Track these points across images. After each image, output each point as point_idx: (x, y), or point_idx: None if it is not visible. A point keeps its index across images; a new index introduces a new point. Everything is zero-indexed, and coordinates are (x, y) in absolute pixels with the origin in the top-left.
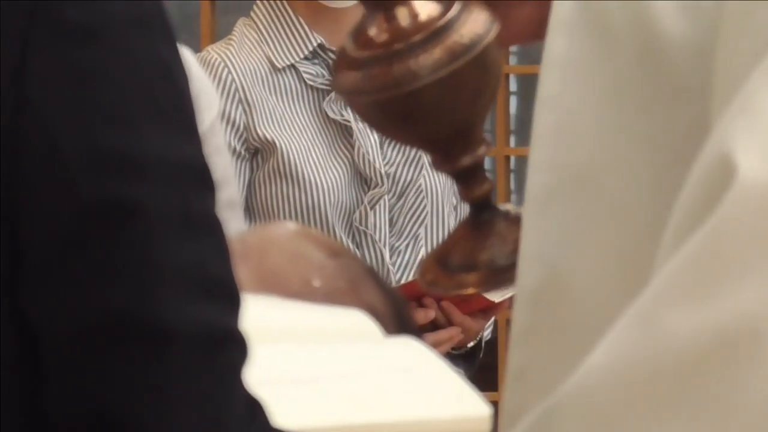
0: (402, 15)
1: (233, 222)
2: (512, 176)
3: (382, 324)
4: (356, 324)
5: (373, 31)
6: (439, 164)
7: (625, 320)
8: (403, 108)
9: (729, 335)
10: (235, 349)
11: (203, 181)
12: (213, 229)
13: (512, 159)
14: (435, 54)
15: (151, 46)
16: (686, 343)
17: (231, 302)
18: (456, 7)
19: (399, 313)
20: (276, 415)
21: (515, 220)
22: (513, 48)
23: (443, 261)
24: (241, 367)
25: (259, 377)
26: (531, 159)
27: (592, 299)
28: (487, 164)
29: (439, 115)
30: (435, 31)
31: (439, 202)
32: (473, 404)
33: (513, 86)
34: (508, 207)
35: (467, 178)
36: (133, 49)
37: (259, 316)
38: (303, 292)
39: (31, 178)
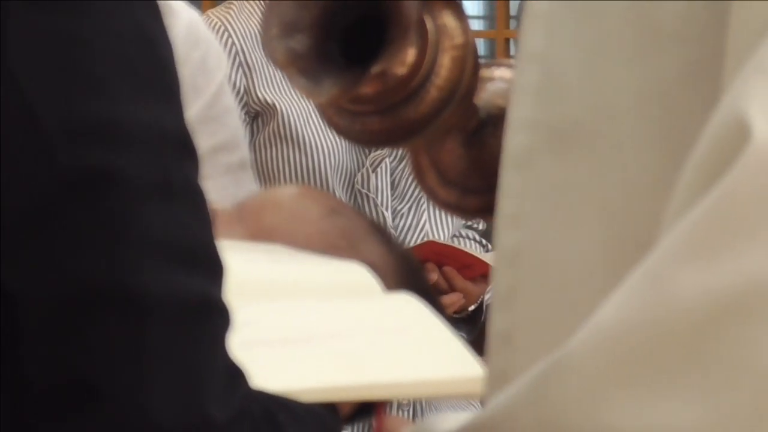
0: (386, 68)
1: (246, 183)
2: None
3: (384, 281)
4: (355, 278)
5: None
6: None
7: (634, 279)
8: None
9: (740, 296)
10: (216, 317)
11: (185, 150)
12: (194, 197)
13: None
14: (430, 99)
15: (132, 14)
16: (697, 303)
17: (212, 271)
18: (431, 43)
19: (407, 271)
20: (264, 375)
21: None
22: None
23: (443, 175)
24: (221, 336)
25: (249, 337)
26: (511, 117)
27: (576, 260)
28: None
29: (439, 134)
30: (423, 77)
31: None
32: (467, 364)
33: (513, 51)
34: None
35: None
36: (113, 18)
37: (255, 268)
38: (299, 250)
39: (9, 146)
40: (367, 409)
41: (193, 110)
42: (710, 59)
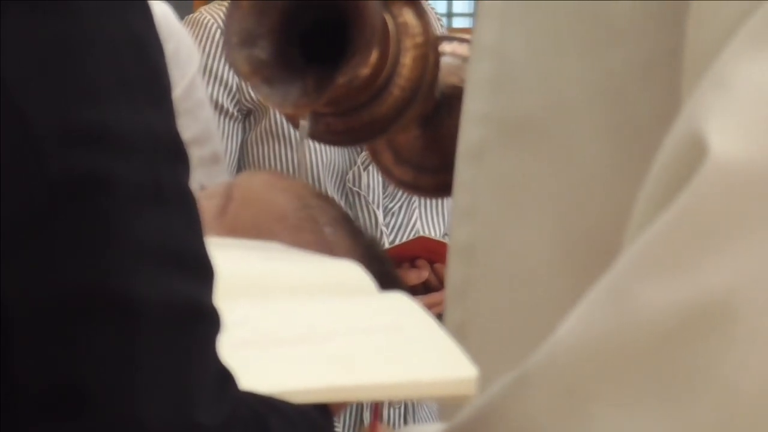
0: (348, 75)
1: (218, 176)
2: None
3: None
4: (349, 276)
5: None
6: None
7: (596, 293)
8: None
9: (701, 310)
10: (206, 323)
11: (176, 155)
12: (185, 202)
13: None
14: (392, 99)
15: (124, 17)
16: (658, 317)
17: (203, 276)
18: (393, 44)
19: (375, 263)
20: (255, 376)
21: None
22: None
23: (398, 155)
24: (212, 341)
25: (241, 338)
26: (465, 110)
27: (531, 253)
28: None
29: (403, 127)
30: (385, 78)
31: None
32: (460, 366)
33: None
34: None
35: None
36: (105, 22)
37: (248, 266)
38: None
39: None
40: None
41: None
42: (664, 56)
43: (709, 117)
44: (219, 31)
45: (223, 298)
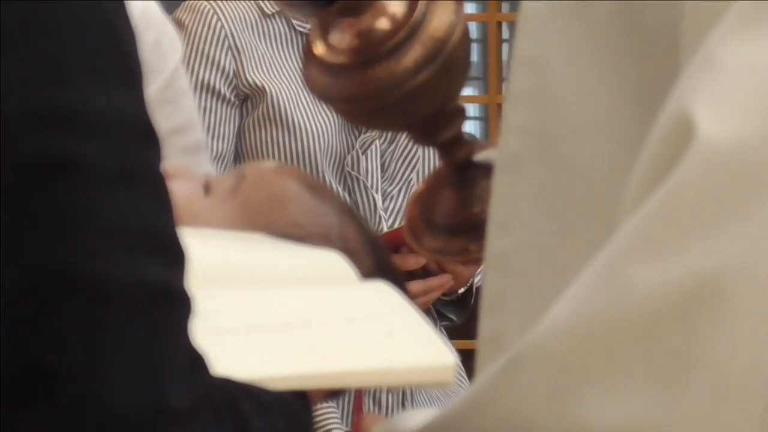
0: (371, 18)
1: (201, 164)
2: None
3: (357, 262)
4: (330, 265)
5: (342, 35)
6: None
7: (587, 274)
8: (385, 108)
9: (690, 290)
10: (177, 305)
11: (147, 138)
12: (156, 185)
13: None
14: (414, 54)
15: (95, 1)
16: (648, 298)
17: (173, 259)
18: (422, 4)
19: (378, 252)
20: (233, 363)
21: None
22: None
23: (430, 222)
24: (182, 324)
25: (220, 325)
26: (504, 122)
27: (567, 265)
28: (480, 112)
29: (418, 105)
30: (409, 31)
31: None
32: (438, 353)
33: (505, 34)
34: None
35: (448, 147)
36: (73, 5)
37: (231, 256)
38: (282, 232)
39: None
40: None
41: (149, 92)
42: None
43: (697, 97)
44: (215, 17)
45: (204, 286)
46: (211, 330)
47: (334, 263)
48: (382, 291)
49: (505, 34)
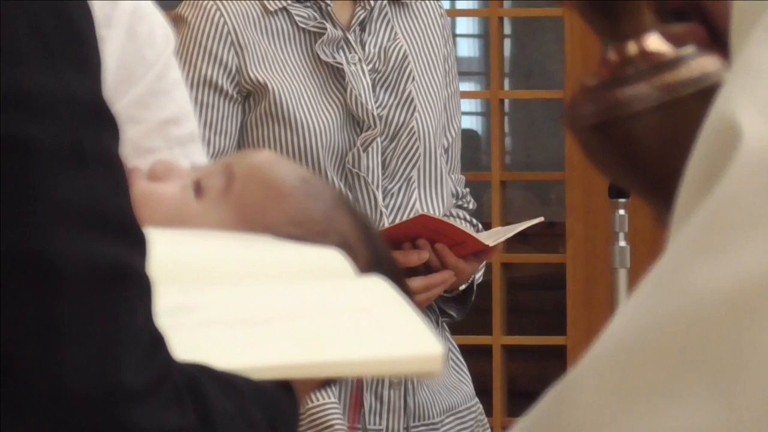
0: (631, 47)
1: (195, 155)
2: (506, 119)
3: (354, 252)
4: (328, 262)
5: (605, 60)
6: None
7: (642, 287)
8: (616, 134)
9: (742, 295)
10: (132, 284)
11: (99, 120)
12: (109, 167)
13: (506, 102)
14: (658, 83)
15: None
16: (701, 305)
17: (129, 239)
18: (689, 48)
19: (372, 241)
20: (220, 353)
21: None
22: None
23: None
24: (139, 304)
25: (209, 317)
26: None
27: None
28: (481, 107)
29: (658, 150)
30: (663, 64)
31: (431, 144)
32: (426, 343)
33: (507, 29)
34: None
35: None
36: None
37: (228, 253)
38: (279, 231)
39: None
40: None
41: (142, 84)
42: None
43: (739, 99)
44: (218, 13)
45: (198, 281)
46: (198, 322)
47: (332, 260)
48: (376, 284)
49: (507, 30)
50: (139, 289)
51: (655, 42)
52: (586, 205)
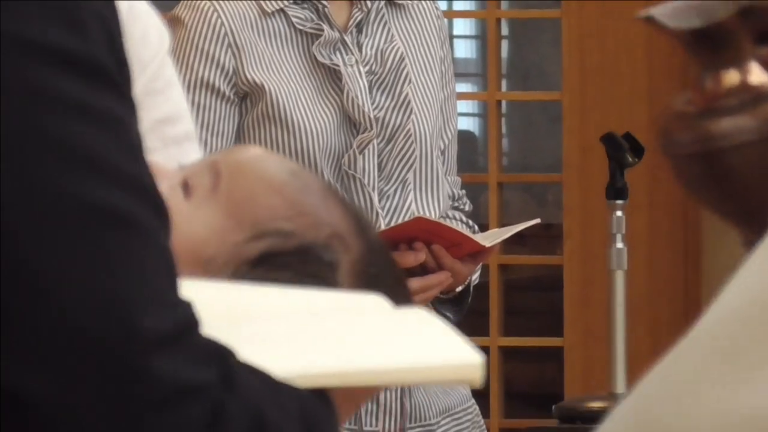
0: (731, 77)
1: (191, 154)
2: (503, 120)
3: (346, 244)
4: (369, 305)
5: (702, 89)
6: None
7: (754, 257)
8: (716, 165)
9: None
10: (137, 235)
11: (99, 79)
12: (115, 125)
13: (503, 103)
14: (761, 115)
15: None
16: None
17: (139, 196)
18: None
19: (363, 230)
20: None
21: None
22: None
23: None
24: (147, 256)
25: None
26: None
27: None
28: (478, 108)
29: (756, 181)
30: (765, 95)
31: (427, 146)
32: (467, 353)
33: (504, 31)
34: None
35: None
36: None
37: (270, 299)
38: (270, 227)
39: None
40: None
41: (137, 84)
42: None
43: None
44: (215, 14)
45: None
46: (237, 338)
47: (372, 301)
48: (415, 312)
49: (504, 31)
50: (147, 241)
51: (756, 73)
52: (583, 206)
